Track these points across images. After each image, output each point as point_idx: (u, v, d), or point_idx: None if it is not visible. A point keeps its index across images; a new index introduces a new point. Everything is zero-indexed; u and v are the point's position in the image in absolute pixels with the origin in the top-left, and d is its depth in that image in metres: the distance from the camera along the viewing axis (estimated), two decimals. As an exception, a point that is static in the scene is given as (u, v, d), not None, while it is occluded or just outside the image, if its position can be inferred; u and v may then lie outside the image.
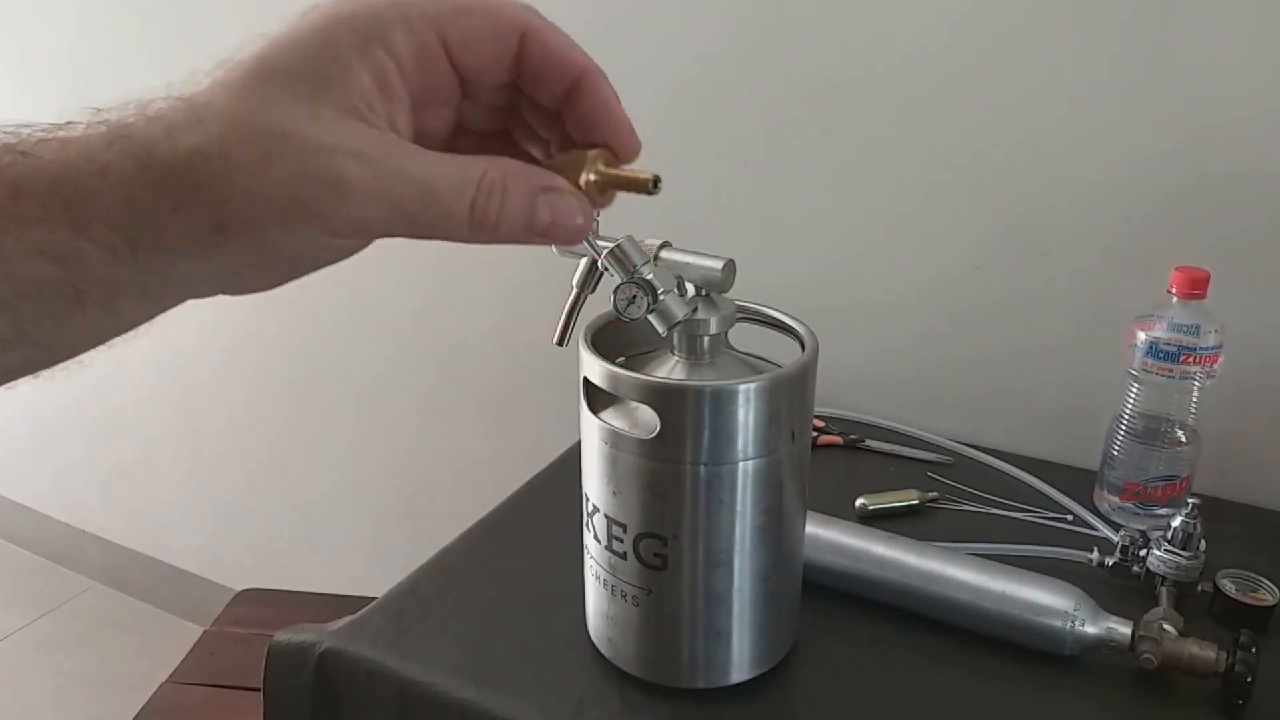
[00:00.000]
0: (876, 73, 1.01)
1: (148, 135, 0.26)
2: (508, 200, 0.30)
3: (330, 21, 0.28)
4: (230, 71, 0.28)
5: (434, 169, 0.29)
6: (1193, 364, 0.82)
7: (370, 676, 0.70)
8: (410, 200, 0.28)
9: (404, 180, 0.28)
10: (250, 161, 0.26)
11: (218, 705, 1.22)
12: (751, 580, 0.63)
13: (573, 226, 0.32)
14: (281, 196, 0.27)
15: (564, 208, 0.31)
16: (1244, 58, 0.85)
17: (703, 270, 0.62)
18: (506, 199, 0.30)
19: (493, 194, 0.30)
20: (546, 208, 0.31)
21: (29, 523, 2.23)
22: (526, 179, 0.31)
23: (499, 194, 0.30)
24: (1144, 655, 0.65)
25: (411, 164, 0.28)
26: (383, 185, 0.28)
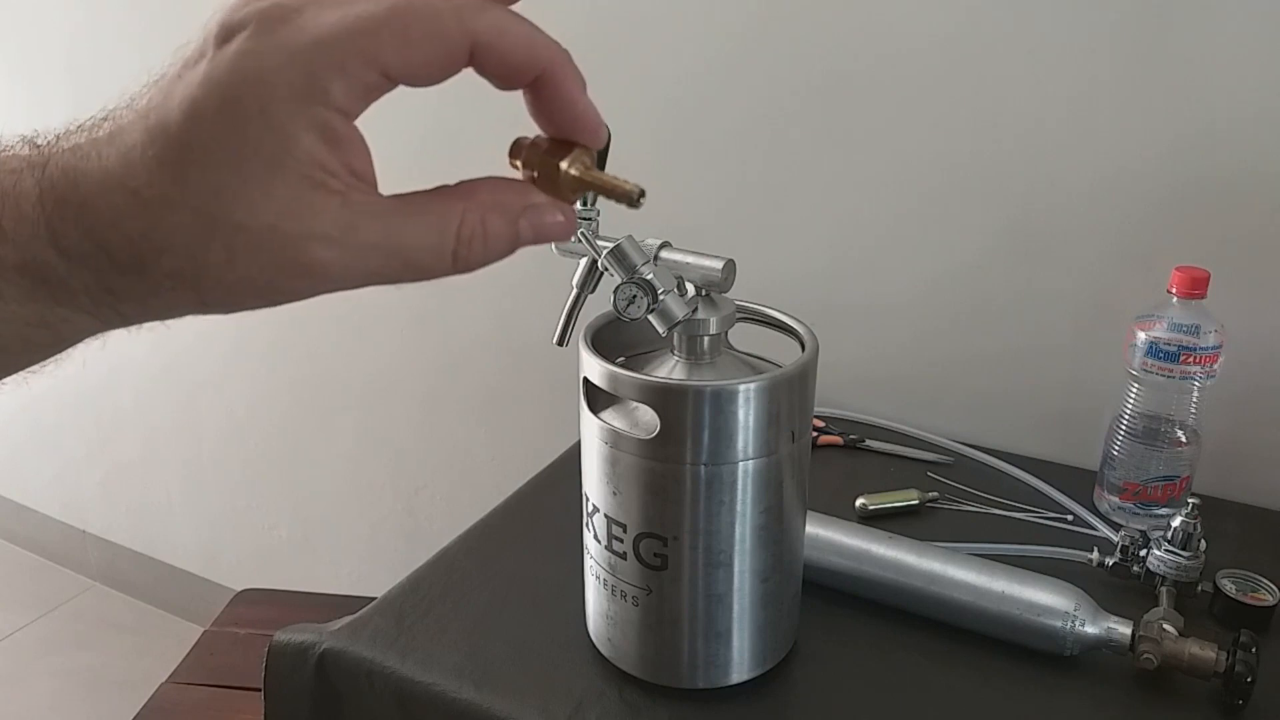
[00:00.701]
0: (877, 73, 1.01)
1: (108, 222, 0.26)
2: (490, 239, 0.29)
3: (255, 85, 0.25)
4: (159, 148, 0.25)
5: (407, 233, 0.28)
6: (1193, 364, 0.82)
7: (370, 676, 0.70)
8: (389, 269, 0.28)
9: (378, 253, 0.27)
10: (218, 263, 0.26)
11: (218, 705, 1.22)
12: (751, 580, 0.63)
13: (556, 231, 0.31)
14: (258, 284, 0.27)
15: (545, 219, 0.30)
16: (1244, 58, 0.85)
17: (703, 270, 0.62)
18: (488, 238, 0.29)
19: (474, 239, 0.29)
20: (528, 227, 0.30)
21: (29, 522, 2.23)
22: (504, 210, 0.29)
23: (480, 237, 0.29)
24: (1144, 655, 0.65)
25: (382, 233, 0.27)
26: (358, 262, 0.27)
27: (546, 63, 0.29)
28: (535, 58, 0.29)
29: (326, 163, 0.26)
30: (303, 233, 0.26)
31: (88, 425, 2.00)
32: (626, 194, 0.30)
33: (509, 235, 0.29)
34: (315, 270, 0.27)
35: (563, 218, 0.31)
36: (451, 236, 0.28)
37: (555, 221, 0.30)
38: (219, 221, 0.25)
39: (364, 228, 0.27)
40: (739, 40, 1.07)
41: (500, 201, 0.29)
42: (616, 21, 1.14)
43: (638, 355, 0.66)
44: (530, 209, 0.30)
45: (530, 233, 0.30)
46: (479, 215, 0.29)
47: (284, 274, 0.26)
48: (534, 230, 0.30)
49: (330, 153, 0.26)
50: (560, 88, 0.30)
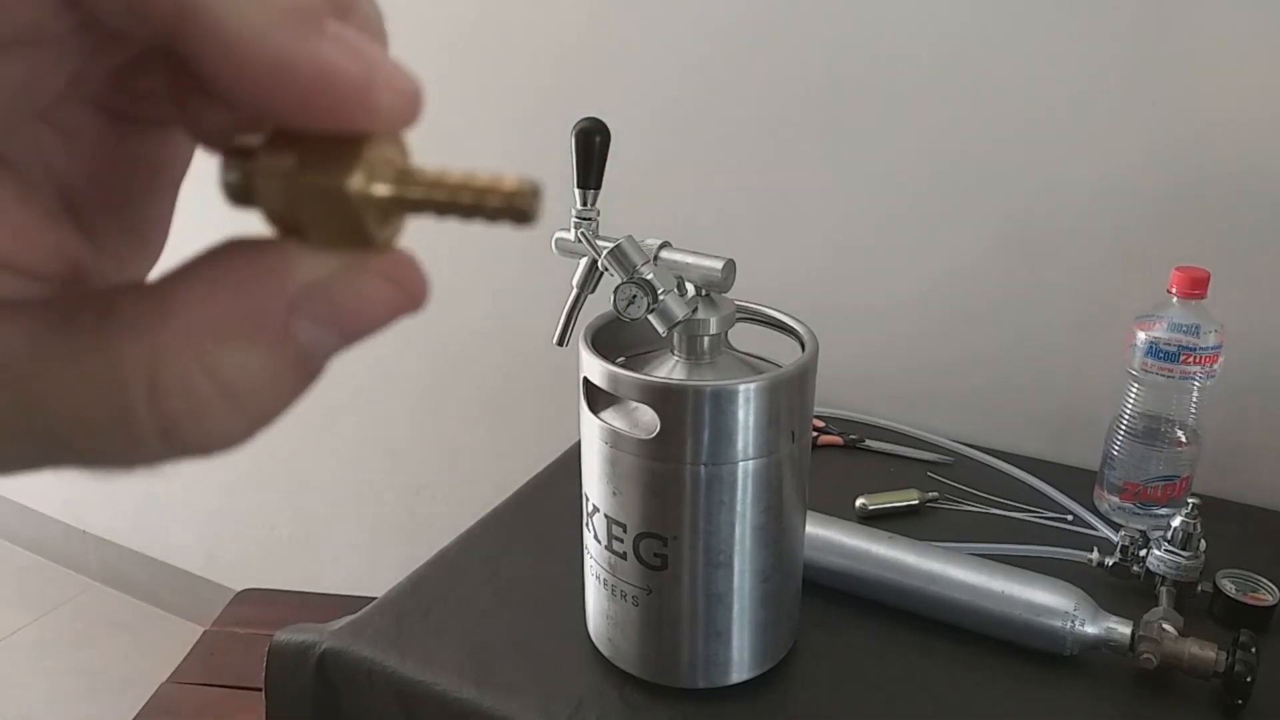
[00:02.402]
0: (877, 73, 1.01)
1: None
2: (238, 391, 0.15)
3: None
4: None
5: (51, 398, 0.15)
6: (1193, 364, 0.82)
7: (370, 676, 0.70)
8: (47, 455, 0.15)
9: (21, 436, 0.15)
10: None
11: (218, 705, 1.22)
12: (751, 580, 0.63)
13: (379, 311, 0.16)
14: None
15: (344, 302, 0.16)
16: (1244, 58, 0.85)
17: (703, 270, 0.62)
18: (234, 392, 0.15)
19: (199, 408, 0.15)
20: (317, 328, 0.16)
21: (29, 522, 2.23)
22: (242, 323, 0.15)
23: (214, 399, 0.15)
24: (1144, 655, 0.65)
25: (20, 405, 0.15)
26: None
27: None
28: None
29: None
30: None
31: (88, 425, 2.00)
32: (506, 199, 0.16)
33: (279, 373, 0.15)
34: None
35: (385, 286, 0.16)
36: (139, 410, 0.14)
37: (371, 297, 0.16)
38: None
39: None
40: (739, 41, 1.07)
41: (231, 313, 0.15)
42: (616, 23, 1.14)
43: (638, 355, 0.66)
44: (304, 296, 0.15)
45: (327, 336, 0.16)
46: (190, 361, 0.15)
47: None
48: (333, 328, 0.16)
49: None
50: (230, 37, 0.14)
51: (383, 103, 0.15)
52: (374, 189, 0.15)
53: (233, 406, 0.15)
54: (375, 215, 0.15)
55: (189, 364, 0.15)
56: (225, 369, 0.15)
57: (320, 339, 0.16)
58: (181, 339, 0.15)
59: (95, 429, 0.15)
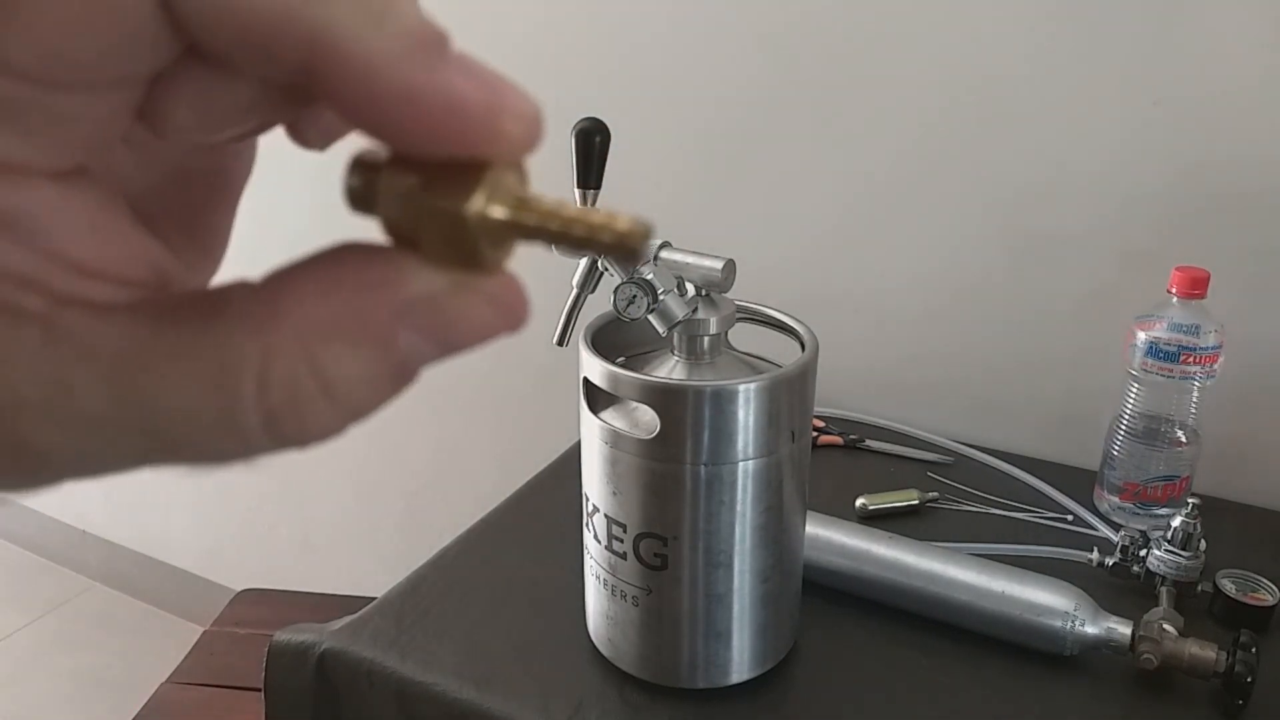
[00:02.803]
0: (880, 79, 1.01)
1: None
2: (339, 392, 0.16)
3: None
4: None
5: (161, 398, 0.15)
6: (1193, 364, 0.82)
7: (370, 676, 0.70)
8: (151, 454, 0.16)
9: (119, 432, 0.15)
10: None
11: (218, 705, 1.22)
12: (751, 580, 0.63)
13: (481, 330, 0.17)
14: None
15: (451, 317, 0.16)
16: (1244, 57, 0.85)
17: (703, 270, 0.62)
18: (335, 393, 0.16)
19: (303, 403, 0.15)
20: (420, 340, 0.16)
21: (29, 523, 2.23)
22: (351, 327, 0.16)
23: (316, 397, 0.15)
24: (1144, 655, 0.65)
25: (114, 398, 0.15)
26: (91, 445, 0.15)
27: (312, 22, 0.14)
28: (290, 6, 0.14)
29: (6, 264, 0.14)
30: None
31: (88, 425, 2.00)
32: (618, 237, 0.16)
33: (378, 376, 0.16)
34: (27, 456, 0.15)
35: (489, 307, 0.17)
36: (247, 402, 0.15)
37: (475, 317, 0.17)
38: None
39: (84, 389, 0.14)
40: (738, 39, 1.07)
41: (341, 316, 0.15)
42: (616, 23, 1.14)
43: (638, 355, 0.66)
44: (411, 308, 0.16)
45: (429, 347, 0.16)
46: (298, 359, 0.15)
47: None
48: (435, 342, 0.16)
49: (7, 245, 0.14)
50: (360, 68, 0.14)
51: (507, 129, 0.15)
52: (491, 214, 0.16)
53: (332, 404, 0.16)
54: (489, 239, 0.16)
55: (297, 361, 0.15)
56: (330, 368, 0.15)
57: (421, 350, 0.16)
58: (292, 337, 0.15)
59: (201, 422, 0.15)
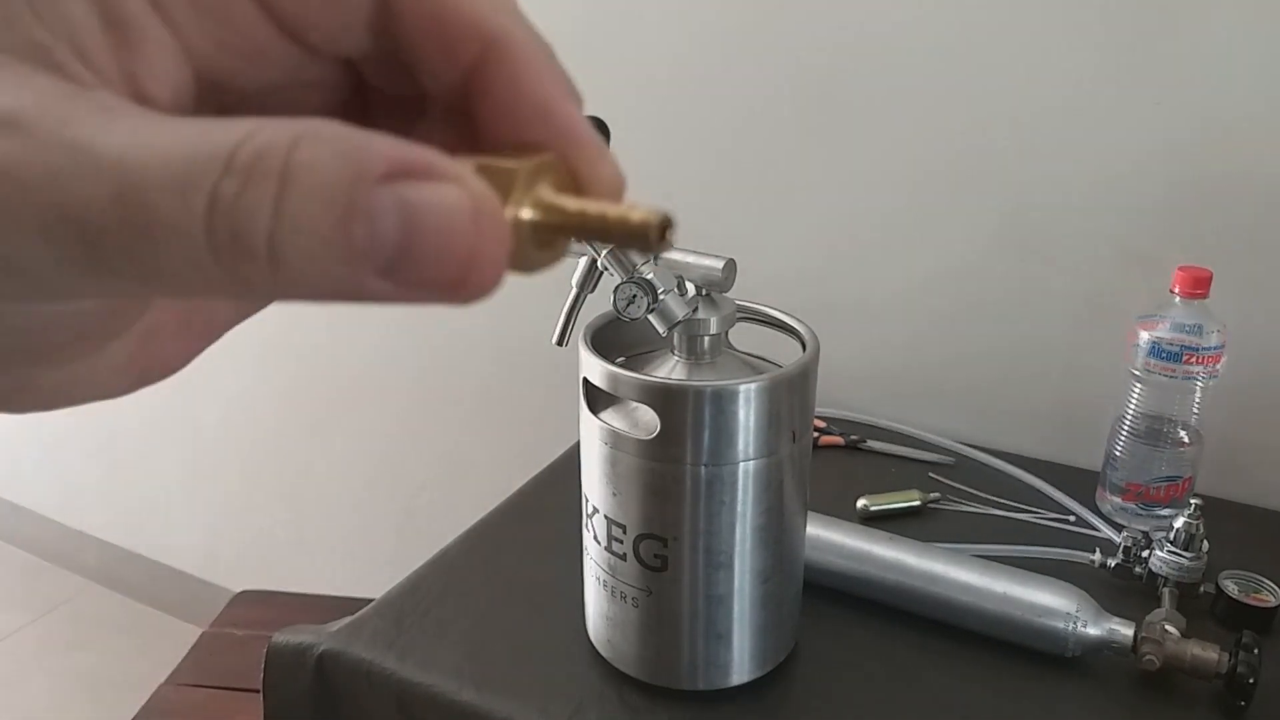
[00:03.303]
0: (878, 72, 1.01)
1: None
2: (293, 188, 0.14)
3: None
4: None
5: (144, 137, 0.14)
6: (1195, 364, 0.81)
7: (369, 677, 0.69)
8: (87, 197, 0.14)
9: (83, 163, 0.14)
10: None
11: (217, 706, 1.22)
12: (752, 581, 0.63)
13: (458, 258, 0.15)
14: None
15: (435, 213, 0.14)
16: (1246, 56, 0.85)
17: (703, 270, 0.62)
18: (290, 186, 0.14)
19: (257, 174, 0.14)
20: (392, 210, 0.14)
21: (28, 523, 2.23)
22: (347, 146, 0.14)
23: (273, 175, 0.14)
24: (1146, 656, 0.65)
25: (102, 128, 0.14)
26: (41, 166, 0.14)
27: (496, 31, 0.18)
28: (477, 19, 0.17)
29: (86, 46, 0.15)
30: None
31: (86, 426, 2.00)
32: (639, 229, 0.17)
33: (336, 191, 0.14)
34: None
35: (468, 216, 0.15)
36: (216, 155, 0.14)
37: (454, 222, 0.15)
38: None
39: (81, 123, 0.14)
40: (738, 39, 1.07)
41: (346, 134, 0.15)
42: (611, 20, 1.14)
43: (638, 355, 0.66)
44: (409, 173, 0.15)
45: (393, 216, 0.14)
46: (287, 134, 0.14)
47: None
48: (401, 214, 0.14)
49: (103, 39, 0.16)
50: (519, 70, 0.18)
51: (604, 171, 0.18)
52: (521, 213, 0.17)
53: (278, 201, 0.14)
54: (526, 230, 0.17)
55: (283, 136, 0.14)
56: (300, 158, 0.14)
57: (382, 225, 0.14)
58: (291, 123, 0.14)
59: (158, 169, 0.14)
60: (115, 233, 0.14)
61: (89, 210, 0.14)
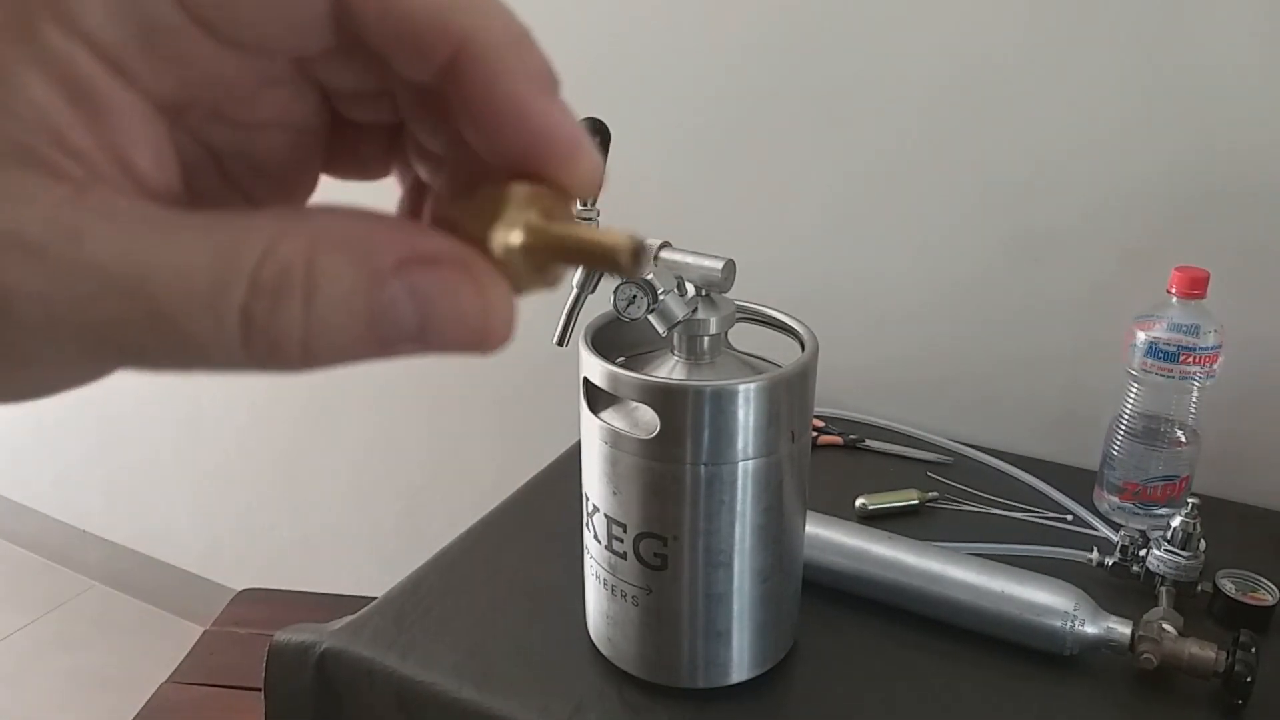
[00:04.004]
0: (879, 76, 1.01)
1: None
2: (318, 299, 0.16)
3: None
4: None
5: (163, 255, 0.15)
6: (1192, 364, 0.82)
7: (370, 676, 0.70)
8: (122, 318, 0.15)
9: (107, 285, 0.15)
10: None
11: (218, 705, 1.22)
12: (751, 580, 0.63)
13: (472, 326, 0.17)
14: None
15: (445, 294, 0.17)
16: (1245, 59, 0.85)
17: (703, 270, 0.62)
18: (315, 297, 0.16)
19: (285, 294, 0.15)
20: (407, 299, 0.16)
21: (30, 523, 2.23)
22: (358, 250, 0.16)
23: (298, 290, 0.16)
24: (1144, 655, 0.65)
25: (122, 249, 0.15)
26: (68, 293, 0.15)
27: (465, 32, 0.17)
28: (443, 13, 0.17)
29: (62, 131, 0.16)
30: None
31: (89, 425, 2.00)
32: (610, 251, 0.17)
33: (362, 303, 0.16)
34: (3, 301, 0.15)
35: (492, 311, 0.17)
36: (241, 274, 0.15)
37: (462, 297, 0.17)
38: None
39: (95, 238, 0.15)
40: (740, 40, 1.07)
41: (359, 237, 0.16)
42: (616, 23, 1.14)
43: (638, 355, 0.66)
44: (418, 264, 0.16)
45: (412, 310, 0.16)
46: (307, 245, 0.16)
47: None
48: (420, 305, 0.16)
49: (74, 117, 0.16)
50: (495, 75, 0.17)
51: (581, 168, 0.18)
52: (511, 238, 0.17)
53: (305, 311, 0.16)
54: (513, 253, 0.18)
55: (300, 251, 0.16)
56: (321, 271, 0.16)
57: (401, 311, 0.16)
58: (307, 233, 0.16)
59: (192, 286, 0.15)
60: (155, 348, 0.16)
61: (125, 331, 0.15)
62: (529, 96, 0.18)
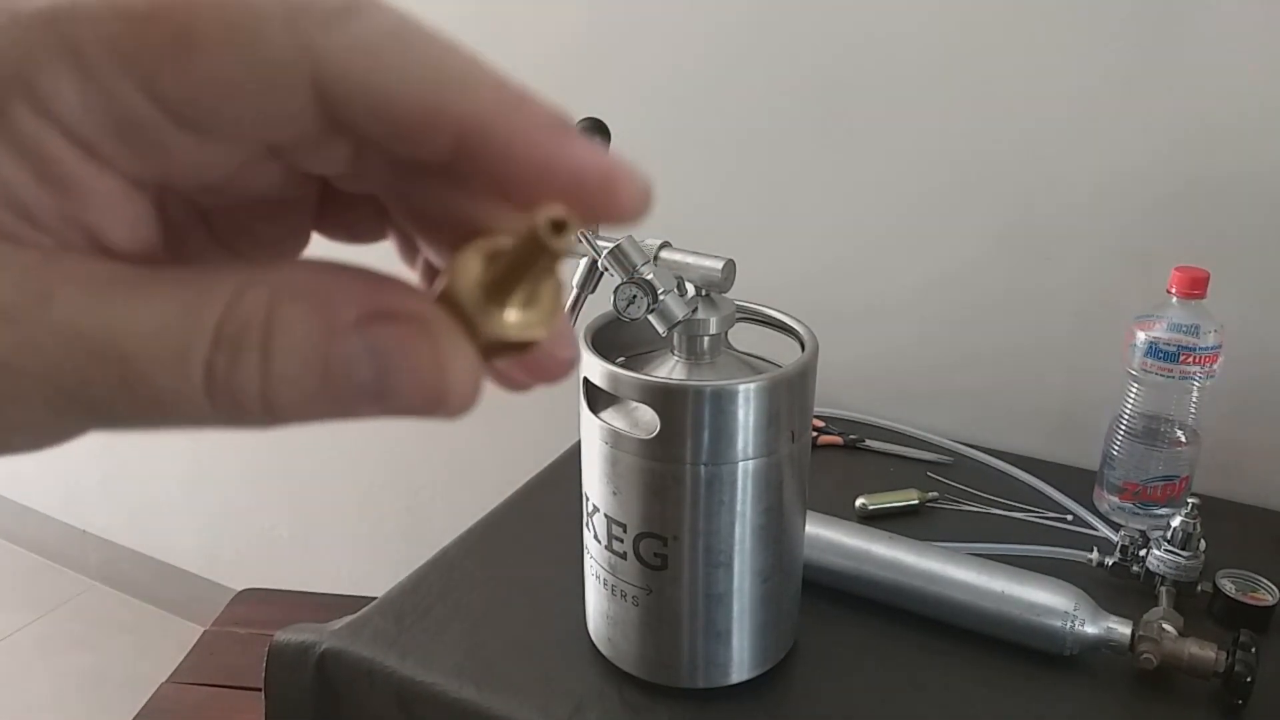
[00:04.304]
0: (877, 73, 1.01)
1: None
2: (274, 350, 0.16)
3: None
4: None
5: (131, 317, 0.15)
6: (1192, 364, 0.82)
7: (370, 676, 0.70)
8: (95, 378, 0.15)
9: (76, 346, 0.15)
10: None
11: (218, 705, 1.22)
12: (751, 580, 0.63)
13: (429, 385, 0.16)
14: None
15: (402, 352, 0.16)
16: (1244, 57, 0.85)
17: (703, 270, 0.62)
18: (271, 349, 0.16)
19: (244, 346, 0.15)
20: (366, 355, 0.16)
21: (29, 522, 2.23)
22: (318, 301, 0.16)
23: (256, 341, 0.16)
24: (1144, 655, 0.65)
25: (90, 311, 0.15)
26: (40, 357, 0.15)
27: (465, 115, 0.16)
28: (439, 102, 0.16)
29: (29, 207, 0.16)
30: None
31: (88, 425, 2.00)
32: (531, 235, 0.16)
33: (313, 349, 0.16)
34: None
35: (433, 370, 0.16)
36: (205, 328, 0.15)
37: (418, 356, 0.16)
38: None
39: (65, 299, 0.15)
40: (739, 40, 1.07)
41: (317, 286, 0.16)
42: (616, 21, 1.14)
43: (638, 355, 0.66)
44: (380, 319, 0.16)
45: (367, 361, 0.16)
46: (262, 303, 0.16)
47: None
48: (375, 357, 0.16)
49: (41, 194, 0.16)
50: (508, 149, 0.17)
51: (622, 193, 0.17)
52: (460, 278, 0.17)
53: (262, 364, 0.16)
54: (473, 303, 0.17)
55: (261, 305, 0.16)
56: (278, 322, 0.16)
57: (357, 366, 0.16)
58: (267, 285, 0.16)
59: (160, 346, 0.15)
60: (125, 406, 0.16)
61: (95, 392, 0.15)
62: (548, 148, 0.17)
